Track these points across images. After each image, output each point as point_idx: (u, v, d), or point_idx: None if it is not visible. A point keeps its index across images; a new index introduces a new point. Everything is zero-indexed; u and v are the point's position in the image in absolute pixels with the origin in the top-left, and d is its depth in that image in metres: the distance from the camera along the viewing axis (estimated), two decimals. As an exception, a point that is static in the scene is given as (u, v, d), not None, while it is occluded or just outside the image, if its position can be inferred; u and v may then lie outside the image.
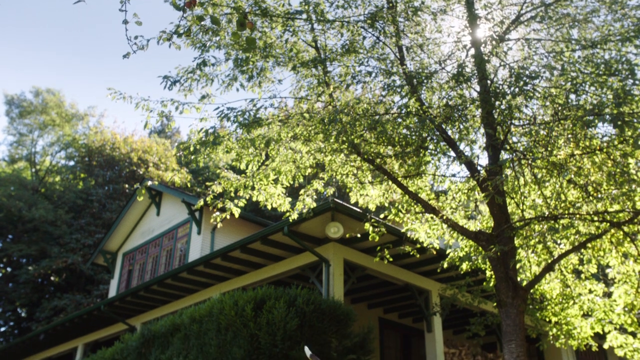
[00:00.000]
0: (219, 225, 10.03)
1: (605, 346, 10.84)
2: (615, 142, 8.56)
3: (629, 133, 7.76)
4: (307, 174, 9.67)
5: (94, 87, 73.80)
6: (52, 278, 32.94)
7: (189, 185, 33.73)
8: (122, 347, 12.41)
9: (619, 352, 10.64)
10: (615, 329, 10.58)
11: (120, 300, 15.98)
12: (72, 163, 41.08)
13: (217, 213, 9.78)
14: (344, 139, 8.44)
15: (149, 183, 10.10)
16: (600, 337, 12.32)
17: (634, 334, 10.67)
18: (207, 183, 9.93)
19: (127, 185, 36.18)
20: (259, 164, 9.51)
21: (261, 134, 8.86)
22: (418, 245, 10.43)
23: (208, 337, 10.03)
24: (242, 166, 9.44)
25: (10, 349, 22.12)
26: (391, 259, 10.80)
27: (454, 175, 9.94)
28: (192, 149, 8.93)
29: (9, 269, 35.35)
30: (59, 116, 39.91)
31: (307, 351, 4.29)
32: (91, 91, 73.70)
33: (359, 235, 10.84)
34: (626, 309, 10.22)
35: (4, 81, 61.55)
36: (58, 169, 40.62)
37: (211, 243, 17.06)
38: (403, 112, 8.86)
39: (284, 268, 12.64)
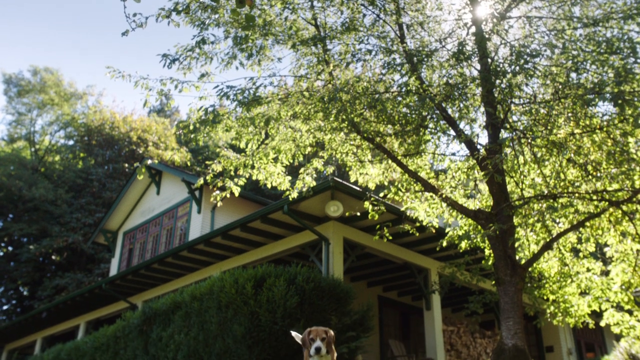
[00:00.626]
0: (219, 204, 10.05)
1: (602, 324, 10.95)
2: (616, 121, 8.55)
3: (629, 112, 7.74)
4: (306, 152, 9.67)
5: (93, 66, 73.40)
6: (53, 257, 33.13)
7: (188, 164, 33.73)
8: (123, 324, 12.54)
9: (616, 330, 10.76)
10: (612, 306, 10.68)
11: (121, 279, 16.09)
12: (71, 142, 41.04)
13: (217, 192, 9.80)
14: (344, 117, 8.43)
15: (149, 162, 10.09)
16: (597, 315, 12.43)
17: (630, 312, 10.77)
18: (207, 162, 9.92)
19: (126, 165, 36.19)
20: (259, 142, 9.50)
21: (261, 112, 8.83)
22: (417, 224, 10.48)
23: (209, 315, 10.13)
24: (242, 145, 9.43)
25: (13, 326, 22.34)
26: (390, 238, 10.85)
27: (453, 154, 9.95)
28: (191, 127, 8.91)
29: (10, 248, 35.54)
30: (57, 95, 39.73)
31: (295, 335, 5.03)
32: (90, 70, 73.32)
33: (358, 214, 10.88)
34: (623, 287, 10.30)
35: (2, 60, 61.19)
36: (57, 148, 40.58)
37: (211, 222, 17.13)
38: (403, 90, 8.82)
39: (284, 246, 12.71)
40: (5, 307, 35.55)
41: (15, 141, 40.46)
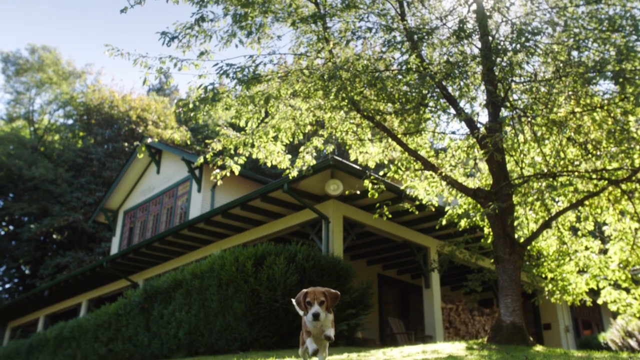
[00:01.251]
0: (219, 183, 10.07)
1: (599, 301, 11.04)
2: (616, 100, 8.53)
3: (630, 90, 7.71)
4: (306, 131, 9.66)
5: (91, 45, 72.87)
6: (54, 236, 33.27)
7: (188, 142, 33.67)
8: (125, 302, 12.65)
9: (612, 307, 10.85)
10: (610, 284, 10.76)
11: (122, 257, 16.19)
12: (70, 121, 40.92)
13: (217, 170, 9.81)
14: (344, 95, 8.40)
15: (149, 140, 10.09)
16: (594, 293, 12.53)
17: (627, 290, 10.85)
18: (207, 141, 9.91)
19: (126, 144, 36.14)
20: (259, 121, 9.48)
21: (260, 90, 8.80)
22: (417, 203, 10.51)
23: (209, 293, 10.22)
24: (242, 123, 9.41)
25: (16, 304, 22.54)
26: (390, 216, 10.90)
27: (453, 133, 9.96)
28: (191, 105, 8.88)
29: (11, 227, 35.67)
30: (55, 74, 39.52)
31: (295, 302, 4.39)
32: (88, 49, 72.81)
33: (358, 193, 10.91)
34: (621, 265, 10.37)
35: (-1, 38, 60.68)
36: (57, 127, 40.48)
37: (211, 201, 17.18)
38: (403, 68, 8.78)
39: (284, 225, 12.76)
40: (7, 286, 35.82)
41: (14, 120, 40.34)
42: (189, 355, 10.31)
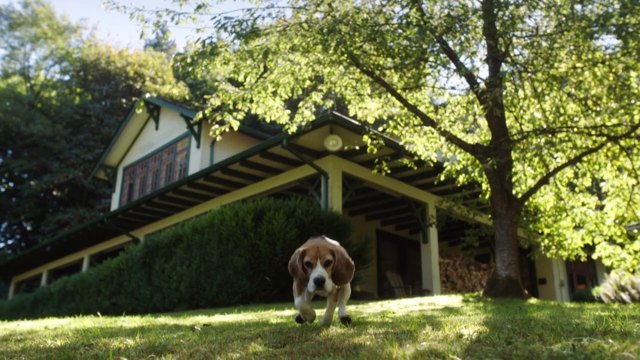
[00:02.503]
0: (218, 139, 10.06)
1: (594, 257, 11.21)
2: (618, 55, 8.45)
3: (633, 45, 7.64)
4: (305, 86, 9.59)
5: (85, -2, 71.38)
6: (54, 193, 33.40)
7: (187, 98, 33.38)
8: (127, 257, 12.82)
9: (607, 262, 11.02)
10: (605, 240, 10.89)
11: (123, 213, 16.31)
12: (67, 77, 40.49)
13: (216, 126, 9.78)
14: (343, 50, 8.31)
15: (147, 96, 10.02)
16: (589, 249, 12.71)
17: (622, 245, 11.00)
18: (205, 96, 9.85)
19: (124, 100, 35.86)
20: (258, 76, 9.40)
21: (259, 45, 8.69)
22: (416, 158, 10.54)
23: (210, 247, 10.34)
24: (240, 78, 9.33)
25: (19, 260, 22.81)
26: (389, 172, 10.94)
27: (453, 88, 9.88)
28: (189, 60, 8.79)
29: (11, 184, 35.77)
30: (50, 28, 38.85)
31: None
32: (82, 2, 71.36)
33: (357, 148, 10.92)
34: (616, 221, 10.48)
35: (-8, -9, 59.39)
36: (53, 83, 40.06)
37: (210, 156, 17.18)
38: (403, 22, 8.65)
39: (283, 181, 12.81)
40: (10, 242, 36.17)
41: (9, 76, 39.89)
42: (190, 308, 10.51)
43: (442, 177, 10.17)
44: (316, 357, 2.09)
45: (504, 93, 8.80)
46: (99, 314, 8.70)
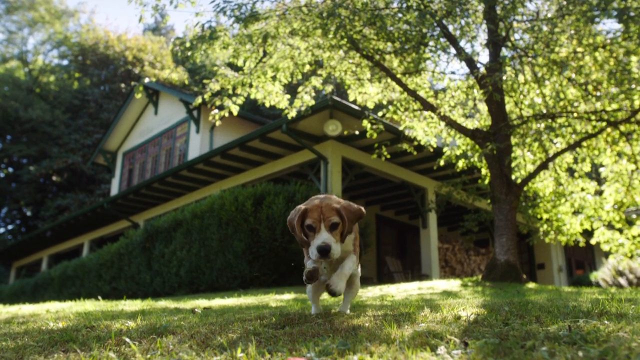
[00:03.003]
0: (217, 124, 10.05)
1: (593, 242, 11.24)
2: (619, 39, 8.41)
3: (634, 29, 7.61)
4: (305, 71, 9.56)
5: (83, -18, 70.68)
6: (53, 178, 33.40)
7: (186, 82, 33.23)
8: (127, 242, 12.87)
9: (605, 247, 11.06)
10: (604, 225, 10.92)
11: (122, 198, 16.33)
12: (65, 62, 40.28)
13: (216, 111, 9.77)
14: (343, 34, 8.27)
15: (146, 80, 9.98)
16: (588, 234, 12.75)
17: (620, 230, 11.03)
18: (205, 81, 9.82)
19: (123, 85, 35.73)
20: (257, 60, 9.37)
21: (258, 29, 8.65)
22: (415, 143, 10.53)
23: (210, 232, 10.37)
24: (240, 63, 9.30)
25: (20, 245, 22.88)
26: (389, 157, 10.95)
27: (453, 73, 9.85)
28: (188, 44, 8.76)
29: (10, 170, 35.75)
30: (48, 12, 38.56)
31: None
32: (80, -14, 70.70)
33: (357, 133, 10.90)
34: (615, 206, 10.50)
35: (-11, -25, 58.87)
36: (52, 68, 39.86)
37: (210, 142, 17.16)
38: (403, 6, 8.61)
39: (283, 166, 12.82)
40: (10, 227, 36.24)
41: (7, 61, 39.66)
42: (190, 292, 10.57)
43: (442, 162, 10.18)
44: (315, 337, 2.12)
45: (504, 78, 8.77)
46: (99, 298, 8.75)
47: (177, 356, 1.85)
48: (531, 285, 8.01)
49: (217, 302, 5.34)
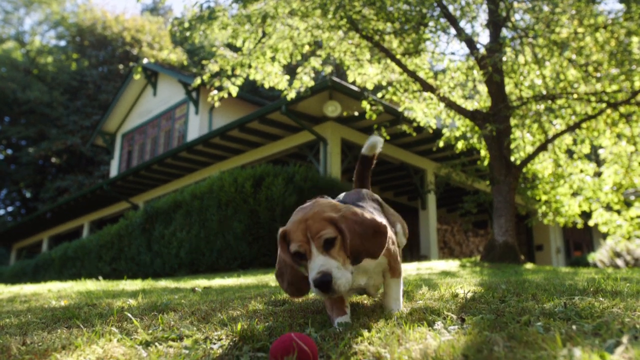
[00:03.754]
0: (216, 105, 10.03)
1: (591, 223, 11.28)
2: (621, 20, 8.36)
3: (636, 9, 7.56)
4: (304, 51, 9.51)
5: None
6: (53, 160, 33.38)
7: (185, 63, 33.06)
8: (126, 223, 12.90)
9: (603, 229, 11.10)
10: (602, 207, 10.96)
11: (122, 180, 16.34)
12: (63, 43, 40.01)
13: (215, 92, 9.74)
14: (342, 14, 8.22)
15: (145, 61, 9.95)
16: (586, 216, 12.80)
17: (619, 212, 11.08)
18: (203, 61, 9.77)
19: (121, 66, 35.53)
20: (256, 41, 9.31)
21: (257, 9, 8.59)
22: (415, 124, 10.52)
23: (209, 213, 10.40)
24: (239, 44, 9.25)
25: (20, 227, 22.95)
26: (388, 138, 10.93)
27: (453, 54, 9.81)
28: (186, 25, 8.70)
29: (9, 151, 35.72)
30: (44, -8, 38.25)
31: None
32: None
33: (356, 114, 10.89)
34: (614, 188, 10.53)
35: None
36: (49, 49, 39.61)
37: (209, 123, 17.13)
38: (404, -14, 8.54)
39: (282, 147, 12.81)
40: (10, 209, 36.31)
41: (4, 42, 39.39)
42: (190, 273, 10.63)
43: (441, 144, 10.17)
44: (315, 314, 2.15)
45: (504, 59, 8.74)
46: (100, 278, 8.81)
47: (179, 331, 1.88)
48: (529, 265, 8.07)
49: (217, 282, 5.38)
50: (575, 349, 1.33)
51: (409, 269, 6.92)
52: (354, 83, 10.32)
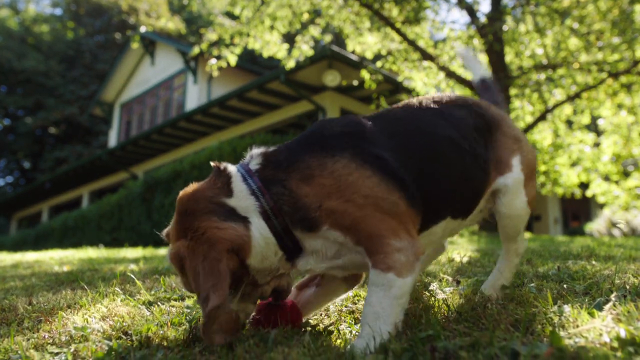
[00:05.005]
0: (215, 74, 9.97)
1: (589, 194, 11.33)
2: (624, -13, 8.27)
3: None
4: (303, 20, 9.41)
5: None
6: (51, 130, 33.26)
7: (183, 32, 32.65)
8: (126, 193, 12.95)
9: (601, 199, 11.15)
10: (600, 177, 10.99)
11: (121, 150, 16.33)
12: (58, 11, 39.49)
13: (213, 61, 9.67)
14: (342, -19, 8.11)
15: (143, 29, 9.86)
16: (585, 187, 12.84)
17: (617, 182, 11.11)
18: (202, 30, 9.68)
19: (118, 35, 35.12)
20: (254, 9, 9.21)
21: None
22: (414, 94, 10.48)
23: (209, 182, 10.45)
24: (237, 12, 9.15)
25: (19, 197, 23.01)
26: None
27: (453, 22, 9.71)
28: (184, -8, 8.59)
29: (7, 121, 35.55)
30: (39, -41, 37.54)
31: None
32: None
33: (355, 83, 10.84)
34: (613, 158, 10.55)
35: None
36: (44, 18, 39.06)
37: (208, 93, 17.04)
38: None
39: (281, 116, 12.78)
40: (9, 179, 36.34)
41: (-1, 9, 38.87)
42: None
43: (440, 114, 10.12)
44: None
45: (504, 27, 8.66)
46: (101, 245, 8.89)
47: (180, 292, 1.92)
48: (527, 235, 8.14)
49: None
50: (566, 306, 1.38)
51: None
52: (353, 52, 10.25)
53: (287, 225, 1.42)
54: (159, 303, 1.78)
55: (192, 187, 1.57)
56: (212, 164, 1.62)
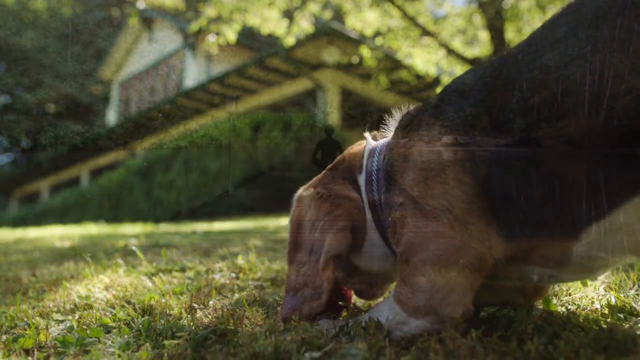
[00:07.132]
0: (214, 51, 9.91)
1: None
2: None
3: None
4: (303, -4, 9.33)
5: None
6: (49, 108, 33.12)
7: (181, 9, 32.32)
8: (126, 171, 12.98)
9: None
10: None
11: (120, 128, 16.29)
12: (55, -13, 38.97)
13: (212, 38, 9.60)
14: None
15: (141, 5, 9.77)
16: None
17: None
18: (200, 6, 9.60)
19: (116, 12, 34.75)
20: (253, -15, 9.12)
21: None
22: (414, 72, 10.43)
23: (208, 160, 10.45)
24: (236, -13, 9.06)
25: (19, 175, 23.01)
26: (387, 85, 10.88)
27: (454, -2, 9.62)
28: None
29: (5, 99, 35.37)
30: None
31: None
32: None
33: (355, 59, 10.78)
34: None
35: None
36: (41, -7, 38.61)
37: (207, 70, 16.94)
38: None
39: (281, 94, 12.73)
40: (9, 157, 36.29)
41: (-6, -15, 38.37)
42: (190, 218, 10.78)
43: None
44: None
45: (507, 3, 8.59)
46: (103, 220, 8.94)
47: (181, 263, 1.96)
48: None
49: (217, 226, 5.49)
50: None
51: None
52: (353, 29, 10.18)
53: None
54: (160, 274, 1.81)
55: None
56: None
